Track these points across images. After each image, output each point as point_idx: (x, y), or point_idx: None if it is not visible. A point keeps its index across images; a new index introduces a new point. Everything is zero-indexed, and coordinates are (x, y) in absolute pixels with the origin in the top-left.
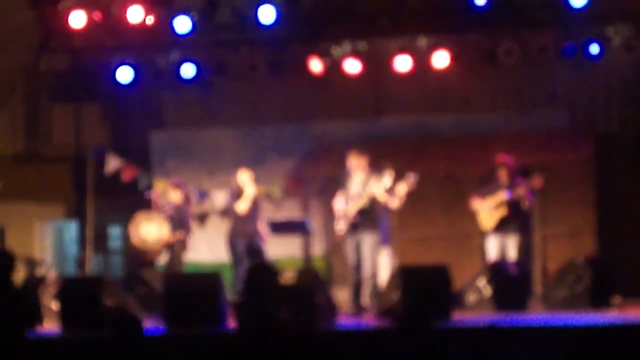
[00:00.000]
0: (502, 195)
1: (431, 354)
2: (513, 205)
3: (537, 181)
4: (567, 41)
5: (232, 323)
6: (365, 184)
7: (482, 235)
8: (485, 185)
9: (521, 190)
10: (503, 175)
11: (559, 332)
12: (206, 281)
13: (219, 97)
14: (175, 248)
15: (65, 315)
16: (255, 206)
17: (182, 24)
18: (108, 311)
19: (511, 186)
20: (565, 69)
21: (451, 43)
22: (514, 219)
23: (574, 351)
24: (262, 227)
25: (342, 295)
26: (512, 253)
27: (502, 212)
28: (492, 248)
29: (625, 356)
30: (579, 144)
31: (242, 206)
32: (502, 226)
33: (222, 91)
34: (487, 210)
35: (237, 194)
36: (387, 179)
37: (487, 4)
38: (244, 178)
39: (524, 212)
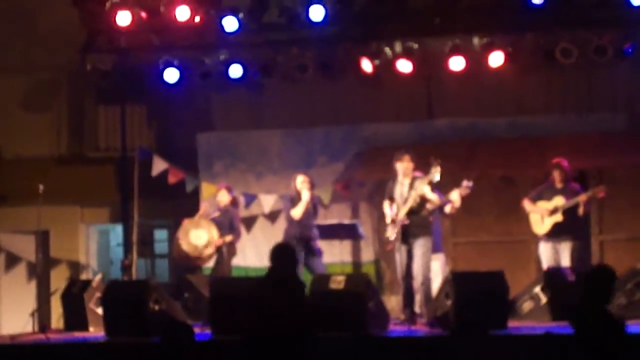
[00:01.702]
0: (560, 201)
1: None
2: (569, 211)
3: (600, 191)
4: (627, 41)
5: None
6: (413, 188)
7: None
8: (538, 187)
9: (583, 198)
10: (557, 177)
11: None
12: (255, 286)
13: (267, 98)
14: (224, 252)
15: (110, 321)
16: (312, 211)
17: (230, 24)
18: (154, 316)
19: (566, 190)
20: (624, 70)
21: (506, 43)
22: (569, 225)
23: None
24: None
25: (393, 302)
26: (566, 260)
27: (558, 217)
28: (545, 254)
29: None
30: (637, 148)
31: (298, 212)
32: (555, 232)
33: (271, 92)
34: (540, 214)
35: (294, 198)
36: (435, 174)
37: (543, 2)
38: (301, 183)
39: (579, 218)
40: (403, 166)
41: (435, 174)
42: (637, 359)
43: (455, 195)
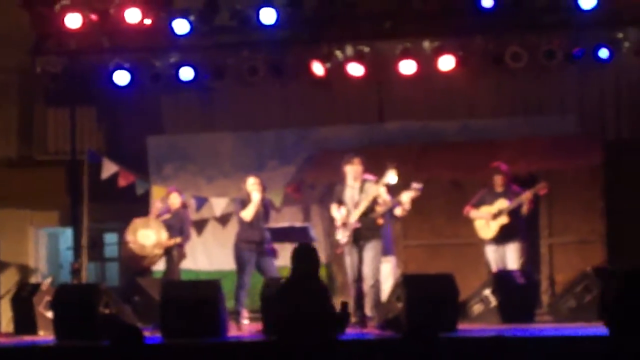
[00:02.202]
0: (503, 204)
1: None
2: (513, 213)
3: (542, 188)
4: (576, 45)
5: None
6: (363, 191)
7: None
8: (479, 193)
9: (525, 197)
10: (497, 181)
11: (566, 344)
12: (205, 289)
13: (218, 101)
14: (173, 255)
15: (60, 324)
16: (263, 214)
17: (181, 26)
18: (104, 320)
19: (507, 193)
20: (573, 73)
21: (456, 47)
22: (514, 227)
23: None
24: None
25: None
26: (513, 262)
27: (503, 220)
28: (492, 257)
29: None
30: (587, 151)
31: (248, 214)
32: (501, 235)
33: (222, 95)
34: (485, 219)
35: (244, 201)
36: (391, 176)
37: (493, 6)
38: (252, 185)
39: (524, 219)
40: (353, 169)
41: (391, 177)
42: None
43: (405, 197)
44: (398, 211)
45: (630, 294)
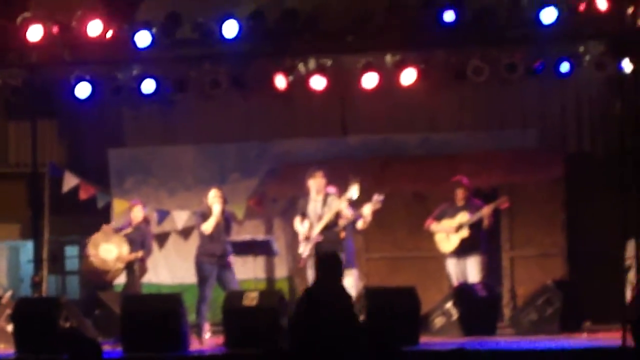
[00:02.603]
0: (464, 217)
1: None
2: (474, 227)
3: (503, 202)
4: (537, 59)
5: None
6: (326, 205)
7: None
8: (441, 206)
9: (486, 211)
10: (459, 194)
11: (528, 357)
12: (167, 303)
13: (180, 114)
14: (135, 269)
15: (20, 337)
16: (224, 226)
17: (143, 39)
18: (64, 333)
19: (468, 206)
20: (535, 87)
21: (418, 60)
22: (475, 241)
23: None
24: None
25: None
26: (474, 275)
27: (464, 233)
28: (453, 270)
29: None
30: (548, 164)
31: (208, 226)
32: (462, 248)
33: (184, 108)
34: (446, 232)
35: (205, 213)
36: (354, 190)
37: (455, 20)
38: (213, 197)
39: (485, 233)
40: (316, 183)
41: (354, 191)
42: None
43: (366, 210)
44: (360, 224)
45: None
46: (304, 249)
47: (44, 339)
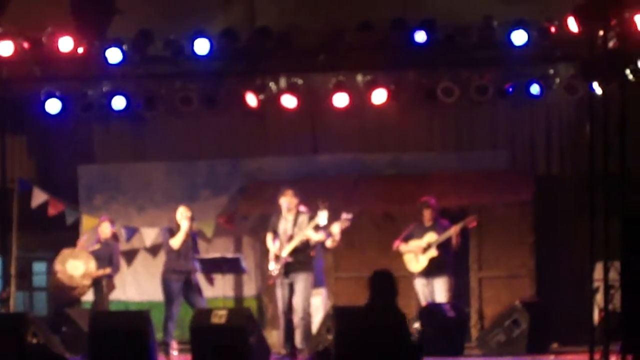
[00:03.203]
0: (432, 237)
1: None
2: (442, 247)
3: (471, 221)
4: (508, 81)
5: None
6: (297, 225)
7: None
8: (409, 227)
9: (453, 231)
10: (426, 215)
11: None
12: (134, 320)
13: (151, 131)
14: (102, 286)
15: None
16: (191, 244)
17: (114, 55)
18: (32, 350)
19: (436, 226)
20: (505, 109)
21: (389, 80)
22: (443, 261)
23: None
24: (195, 267)
25: (275, 337)
26: (441, 295)
27: (432, 253)
28: (420, 290)
29: None
30: (518, 186)
31: (177, 242)
32: (430, 268)
33: (154, 125)
34: (414, 252)
35: (173, 230)
36: (323, 217)
37: (426, 41)
38: (181, 214)
39: (453, 253)
40: (287, 201)
41: (322, 218)
42: None
43: (335, 229)
44: (329, 242)
45: None
46: (273, 267)
47: (11, 356)
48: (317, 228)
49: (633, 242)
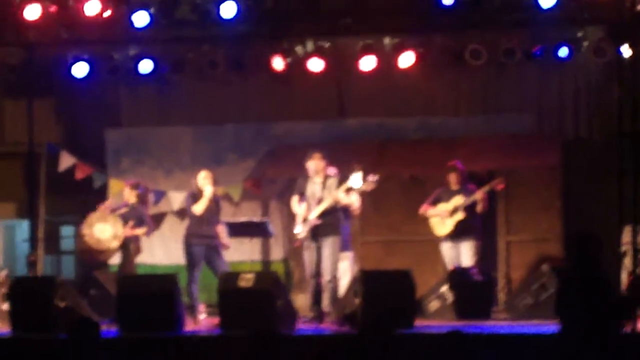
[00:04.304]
0: (459, 200)
1: None
2: (469, 211)
3: (498, 183)
4: (536, 44)
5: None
6: (326, 187)
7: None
8: (435, 191)
9: (479, 194)
10: (453, 179)
11: (522, 341)
12: (162, 283)
13: (177, 95)
14: (130, 249)
15: (16, 316)
16: (214, 208)
17: (141, 19)
18: (60, 313)
19: (463, 190)
20: (533, 72)
21: (416, 43)
22: (469, 225)
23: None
24: (222, 231)
25: (302, 301)
26: (467, 259)
27: (459, 217)
28: (447, 254)
29: None
30: (545, 150)
31: (199, 208)
32: (456, 232)
33: (181, 88)
34: (441, 216)
35: (195, 195)
36: (357, 178)
37: (454, 3)
38: (203, 179)
39: (479, 217)
40: (314, 164)
41: (356, 180)
42: None
43: (353, 197)
44: (356, 206)
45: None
46: (300, 230)
47: (40, 318)
48: (348, 190)
49: None
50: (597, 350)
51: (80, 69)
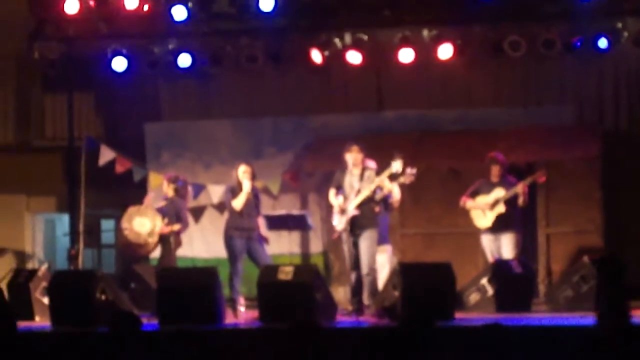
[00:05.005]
0: (500, 193)
1: (432, 354)
2: (510, 204)
3: (540, 176)
4: (575, 35)
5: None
6: (363, 179)
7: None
8: (476, 183)
9: (521, 187)
10: (494, 171)
11: (563, 333)
12: (202, 276)
13: (216, 88)
14: (170, 242)
15: (56, 310)
16: (254, 202)
17: (179, 13)
18: (101, 306)
19: (503, 183)
20: (572, 63)
21: (455, 35)
22: (510, 217)
23: (578, 352)
24: (262, 224)
25: (341, 293)
26: (508, 252)
27: (500, 209)
28: (487, 246)
29: (629, 358)
30: (585, 141)
31: (239, 203)
32: (497, 224)
33: (220, 82)
34: (481, 208)
35: (234, 189)
36: (398, 165)
37: None
38: (243, 173)
39: (520, 210)
40: (352, 157)
41: (397, 165)
42: None
43: (395, 188)
44: (395, 197)
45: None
46: (338, 222)
47: (80, 312)
48: (392, 177)
49: None
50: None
51: (119, 63)
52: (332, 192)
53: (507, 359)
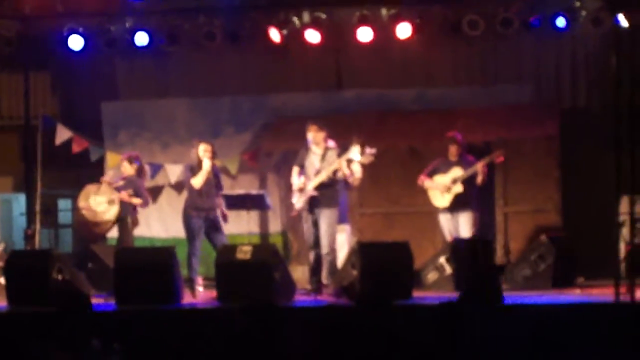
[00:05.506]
0: (458, 172)
1: (389, 331)
2: (467, 183)
3: (498, 155)
4: (533, 13)
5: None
6: (325, 159)
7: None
8: (433, 162)
9: (479, 166)
10: (452, 150)
11: (520, 311)
12: (160, 256)
13: (174, 67)
14: (127, 222)
15: (12, 290)
16: (213, 181)
17: None
18: (57, 286)
19: (461, 162)
20: (530, 42)
21: (413, 14)
22: (467, 196)
23: (534, 330)
24: (221, 203)
25: (300, 272)
26: (465, 230)
27: (458, 189)
28: (445, 225)
29: (586, 336)
30: (543, 120)
31: (198, 181)
32: (455, 204)
33: (177, 61)
34: (439, 187)
35: (194, 167)
36: (356, 152)
37: None
38: (203, 151)
39: (477, 189)
40: (312, 135)
41: (355, 153)
42: None
43: (356, 167)
44: (353, 178)
45: None
46: (297, 201)
47: (37, 292)
48: (349, 162)
49: None
50: None
51: (76, 42)
52: (294, 170)
53: (463, 337)
